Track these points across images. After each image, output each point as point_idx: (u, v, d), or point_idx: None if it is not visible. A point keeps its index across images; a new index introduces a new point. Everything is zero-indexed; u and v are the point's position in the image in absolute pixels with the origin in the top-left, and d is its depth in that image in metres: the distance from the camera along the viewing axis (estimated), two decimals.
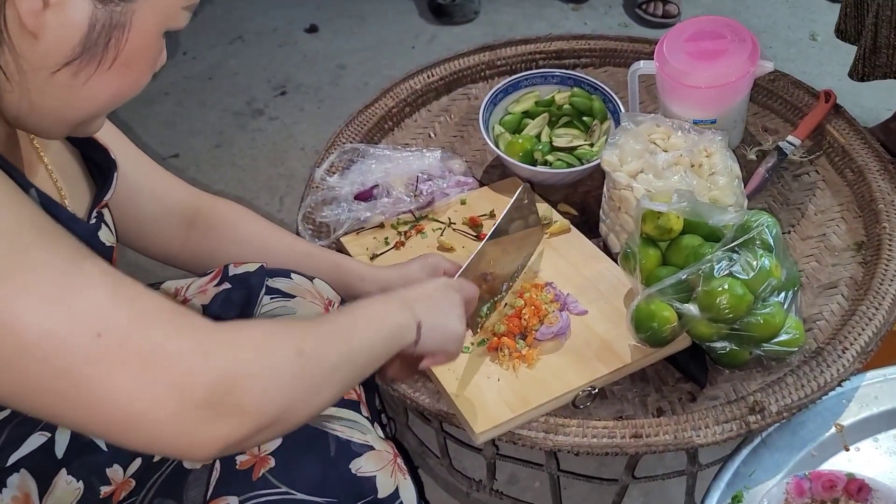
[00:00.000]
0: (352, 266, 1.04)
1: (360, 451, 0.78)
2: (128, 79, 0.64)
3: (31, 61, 0.60)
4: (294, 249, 1.02)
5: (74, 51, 0.60)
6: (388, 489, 0.78)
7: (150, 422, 0.55)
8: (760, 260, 0.94)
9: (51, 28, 0.59)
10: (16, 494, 0.72)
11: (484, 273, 1.02)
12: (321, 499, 0.74)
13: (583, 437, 0.93)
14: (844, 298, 1.08)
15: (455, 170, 1.29)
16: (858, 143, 1.26)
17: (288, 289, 0.94)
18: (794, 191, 1.24)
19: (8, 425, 0.72)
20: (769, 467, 0.97)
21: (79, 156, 0.81)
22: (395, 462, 0.79)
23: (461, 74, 1.48)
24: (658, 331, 0.95)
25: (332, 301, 0.94)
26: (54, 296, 0.54)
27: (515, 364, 0.98)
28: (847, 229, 1.18)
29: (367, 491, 0.76)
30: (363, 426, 0.81)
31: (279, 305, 0.91)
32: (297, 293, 0.93)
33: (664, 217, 1.01)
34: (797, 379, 0.96)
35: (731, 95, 1.23)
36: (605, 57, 1.50)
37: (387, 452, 0.79)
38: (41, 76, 0.61)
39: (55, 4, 0.58)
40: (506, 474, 1.31)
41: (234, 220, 1.00)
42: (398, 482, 0.78)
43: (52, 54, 0.60)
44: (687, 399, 0.99)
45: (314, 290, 0.93)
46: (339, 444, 0.75)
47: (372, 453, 0.78)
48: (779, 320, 0.95)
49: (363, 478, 0.76)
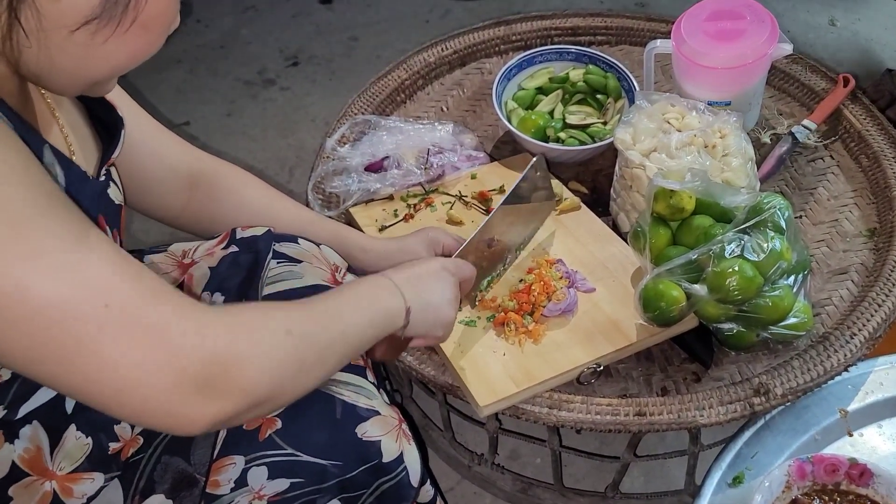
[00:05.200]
0: (353, 237, 1.04)
1: (366, 415, 0.78)
2: (144, 40, 0.65)
3: (51, 19, 0.60)
4: (297, 217, 1.02)
5: (94, 10, 0.61)
6: (393, 454, 0.78)
7: (146, 393, 0.56)
8: (771, 242, 0.94)
9: None
10: (28, 446, 0.73)
11: (490, 238, 1.01)
12: (326, 461, 0.74)
13: (586, 413, 0.93)
14: (854, 284, 1.07)
15: (466, 144, 1.29)
16: (875, 129, 1.24)
17: (295, 254, 0.94)
18: (807, 175, 1.23)
19: (19, 377, 0.73)
20: (772, 450, 0.97)
21: (86, 113, 0.81)
22: (399, 427, 0.80)
23: (475, 48, 1.46)
24: (666, 310, 0.95)
25: (339, 266, 0.94)
26: (63, 264, 0.55)
27: (521, 339, 0.98)
28: (860, 215, 1.17)
29: (372, 455, 0.77)
30: (369, 391, 0.82)
31: (286, 270, 0.91)
32: (303, 258, 0.93)
33: (676, 196, 1.00)
34: (803, 363, 0.96)
35: (748, 77, 1.21)
36: (621, 35, 1.49)
37: (392, 418, 0.80)
38: (61, 34, 0.61)
39: None
40: (507, 449, 1.31)
41: (237, 185, 1.00)
42: (403, 447, 0.79)
43: (73, 12, 0.60)
44: (692, 379, 0.99)
45: (321, 256, 0.93)
46: (346, 407, 0.76)
47: (377, 418, 0.79)
48: (787, 303, 0.94)
49: (368, 442, 0.77)
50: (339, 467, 0.75)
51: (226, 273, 0.88)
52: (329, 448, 0.74)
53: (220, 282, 0.89)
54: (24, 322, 0.54)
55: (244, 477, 0.72)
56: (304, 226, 1.00)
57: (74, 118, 0.78)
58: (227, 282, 0.89)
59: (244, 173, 1.02)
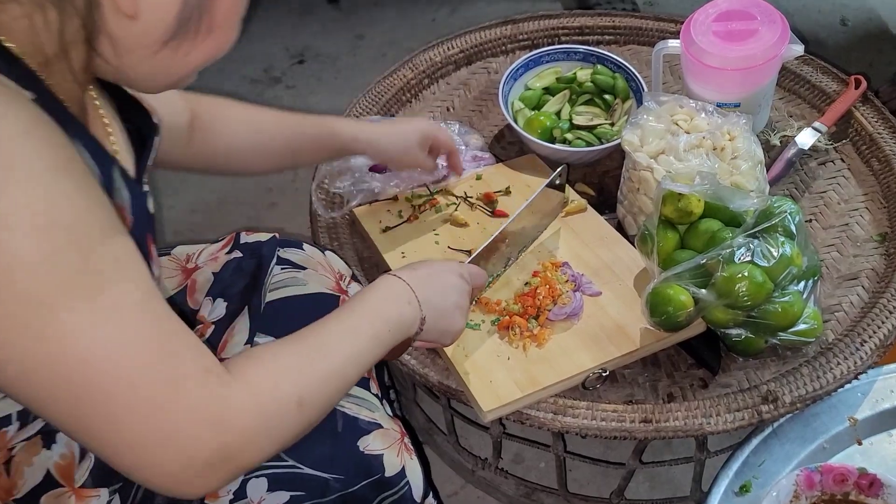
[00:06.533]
0: (342, 127, 1.04)
1: (369, 428, 0.77)
2: (222, 38, 0.66)
3: (129, 43, 0.62)
4: (283, 122, 1.02)
5: (169, 31, 0.62)
6: (395, 468, 0.77)
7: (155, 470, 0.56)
8: (782, 247, 0.92)
9: (147, 8, 0.60)
10: (64, 452, 0.73)
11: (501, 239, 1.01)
12: (328, 475, 0.73)
13: (591, 419, 0.92)
14: (865, 290, 1.06)
15: (472, 144, 1.27)
16: (887, 132, 1.23)
17: (299, 260, 0.92)
18: (817, 178, 1.22)
19: None
20: (779, 458, 0.95)
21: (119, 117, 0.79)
22: (402, 441, 0.79)
23: (482, 48, 1.45)
24: (673, 315, 0.93)
25: (343, 274, 0.93)
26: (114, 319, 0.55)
27: (526, 343, 0.97)
28: (871, 220, 1.15)
29: (374, 469, 0.76)
30: (371, 403, 0.81)
31: (289, 276, 0.90)
32: (308, 265, 0.92)
33: (685, 199, 0.99)
34: (813, 370, 0.95)
35: (758, 78, 1.20)
36: (629, 35, 1.47)
37: (394, 431, 0.79)
38: (140, 56, 0.63)
39: None
40: (511, 453, 1.30)
41: (222, 112, 1.00)
42: (405, 461, 0.78)
43: (150, 33, 0.61)
44: (699, 386, 0.97)
45: (325, 263, 0.92)
46: (347, 420, 0.75)
47: (379, 431, 0.78)
48: (797, 309, 0.93)
49: (370, 456, 0.76)
50: (341, 481, 0.75)
51: (229, 279, 0.87)
52: (330, 461, 0.73)
53: (223, 288, 0.88)
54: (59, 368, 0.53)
55: (243, 489, 0.72)
56: (294, 128, 1.01)
57: (116, 123, 0.75)
58: (230, 288, 0.88)
59: (223, 99, 1.01)
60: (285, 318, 0.85)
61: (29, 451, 0.73)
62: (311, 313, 0.89)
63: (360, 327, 0.72)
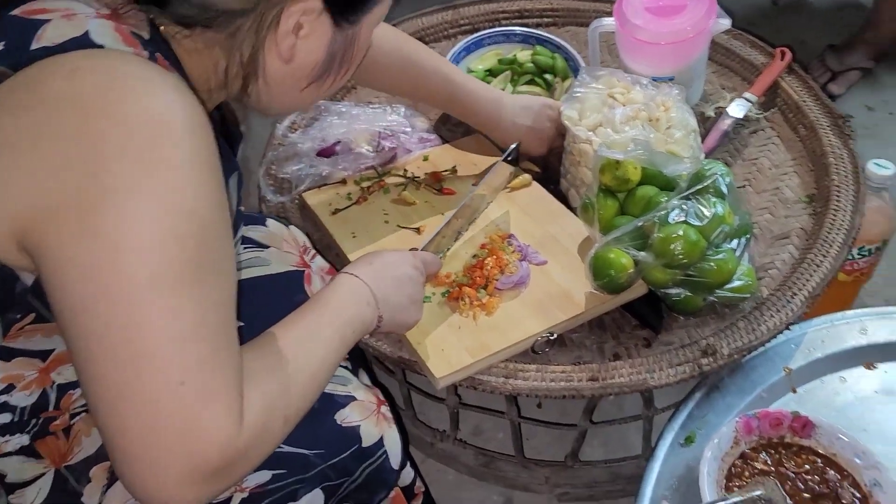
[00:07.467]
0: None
1: (344, 402, 0.80)
2: (347, 75, 0.79)
3: (281, 81, 0.73)
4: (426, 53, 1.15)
5: (318, 69, 0.73)
6: (373, 438, 0.80)
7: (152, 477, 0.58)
8: (713, 207, 0.97)
9: (300, 52, 0.71)
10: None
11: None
12: (308, 451, 0.76)
13: (541, 381, 0.95)
14: (795, 248, 1.11)
15: (418, 127, 1.30)
16: (811, 100, 1.29)
17: (262, 238, 0.94)
18: (749, 146, 1.27)
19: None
20: (721, 410, 1.00)
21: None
22: (378, 411, 0.81)
23: (424, 33, 1.48)
24: (615, 278, 0.97)
25: (307, 248, 0.95)
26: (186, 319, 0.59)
27: (476, 312, 1.00)
28: (799, 182, 1.21)
29: (352, 440, 0.79)
30: (344, 377, 0.83)
31: (254, 256, 0.92)
32: (271, 243, 0.94)
33: (622, 167, 1.03)
34: (748, 323, 1.00)
35: (689, 52, 1.24)
36: (567, 16, 1.52)
37: (370, 402, 0.82)
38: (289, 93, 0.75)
39: (304, 36, 0.70)
40: (470, 426, 1.33)
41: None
42: (383, 431, 0.81)
43: (301, 74, 0.73)
44: (643, 345, 1.01)
45: (290, 238, 0.94)
46: (323, 397, 0.77)
47: (355, 403, 0.80)
48: (731, 266, 0.97)
49: (348, 428, 0.79)
50: (321, 455, 0.77)
51: None
52: (309, 437, 0.76)
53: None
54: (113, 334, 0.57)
55: None
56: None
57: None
58: None
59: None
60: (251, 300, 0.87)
61: (89, 421, 0.75)
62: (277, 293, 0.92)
63: (327, 334, 0.76)
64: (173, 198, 0.58)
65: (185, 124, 0.60)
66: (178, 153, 0.59)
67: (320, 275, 0.98)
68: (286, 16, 0.68)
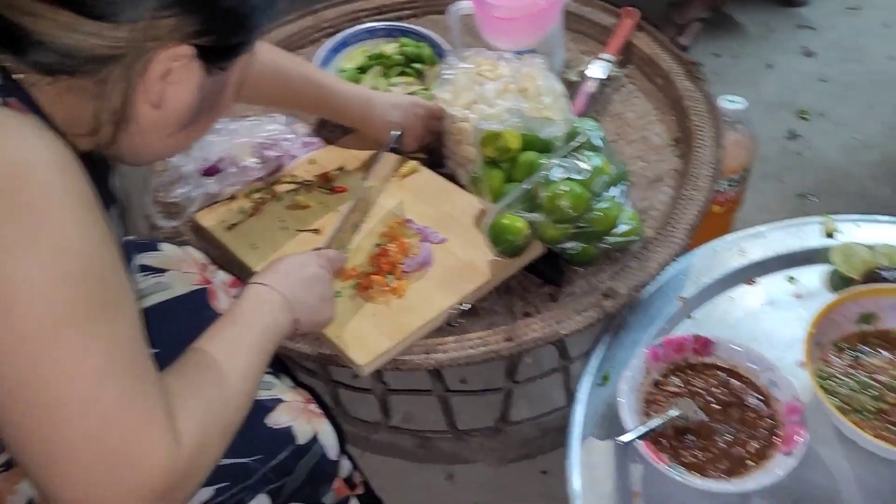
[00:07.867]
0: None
1: (272, 405, 0.81)
2: (215, 119, 0.79)
3: (150, 127, 0.72)
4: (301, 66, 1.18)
5: (188, 115, 0.73)
6: (307, 435, 0.81)
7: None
8: (591, 161, 1.03)
9: (170, 98, 0.70)
10: None
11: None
12: (247, 459, 0.76)
13: (461, 350, 0.99)
14: (670, 188, 1.20)
15: (299, 132, 1.31)
16: (662, 52, 1.38)
17: (159, 263, 0.93)
18: (614, 102, 1.36)
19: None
20: (629, 346, 1.07)
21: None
22: (307, 408, 0.82)
23: (289, 41, 1.49)
24: (513, 241, 1.02)
25: (206, 265, 0.95)
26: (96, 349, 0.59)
27: (387, 298, 1.03)
28: (664, 129, 1.30)
29: (287, 441, 0.80)
30: (268, 382, 0.84)
31: (154, 282, 0.91)
32: (169, 266, 0.93)
33: (502, 138, 1.08)
34: (639, 262, 1.07)
35: (544, 22, 1.31)
36: (424, 6, 1.56)
37: (297, 401, 0.83)
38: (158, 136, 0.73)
39: (174, 82, 0.69)
40: (401, 413, 1.36)
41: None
42: (315, 426, 0.82)
43: (171, 120, 0.72)
44: (549, 300, 1.07)
45: (188, 258, 0.93)
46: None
47: (284, 405, 0.81)
48: (616, 212, 1.04)
49: (280, 430, 0.79)
50: (260, 460, 0.78)
51: None
52: (245, 445, 0.76)
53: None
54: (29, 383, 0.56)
55: None
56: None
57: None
58: None
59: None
60: (160, 325, 0.86)
61: (11, 478, 0.72)
62: (183, 314, 0.91)
63: (247, 344, 0.77)
64: (53, 240, 0.58)
65: (49, 164, 0.59)
66: (48, 194, 0.59)
67: (224, 289, 0.98)
68: (156, 62, 0.67)
